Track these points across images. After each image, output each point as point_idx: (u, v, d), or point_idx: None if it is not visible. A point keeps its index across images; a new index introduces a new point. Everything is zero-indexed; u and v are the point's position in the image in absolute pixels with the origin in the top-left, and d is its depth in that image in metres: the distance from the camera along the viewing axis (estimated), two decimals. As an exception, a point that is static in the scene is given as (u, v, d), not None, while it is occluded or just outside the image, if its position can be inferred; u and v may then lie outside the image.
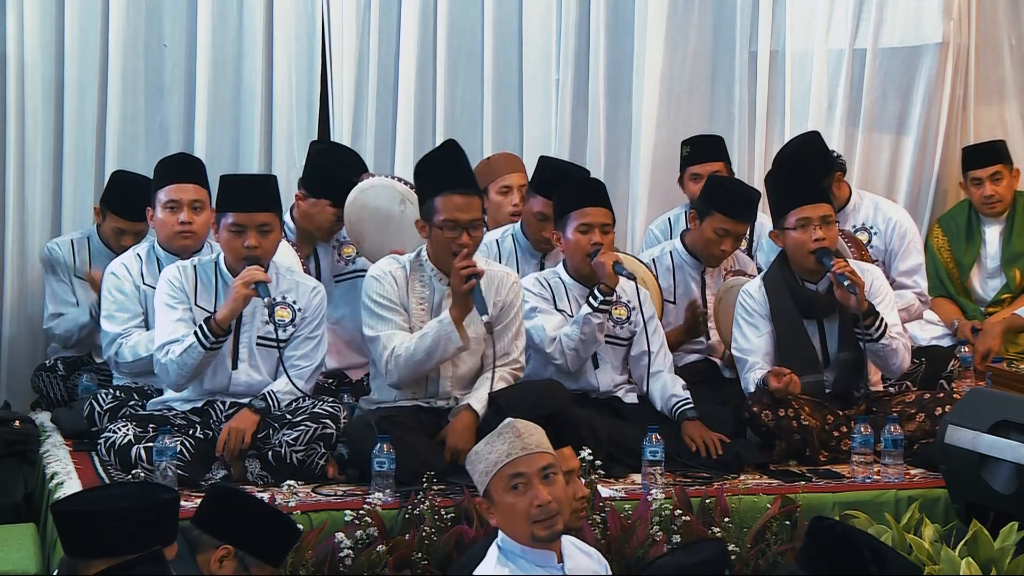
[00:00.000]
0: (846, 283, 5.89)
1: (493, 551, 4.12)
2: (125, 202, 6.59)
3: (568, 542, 4.18)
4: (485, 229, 6.53)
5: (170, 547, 3.69)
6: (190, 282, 5.68)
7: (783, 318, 6.09)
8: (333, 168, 6.43)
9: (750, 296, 6.17)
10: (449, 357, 5.66)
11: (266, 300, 5.52)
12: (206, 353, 5.51)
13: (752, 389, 6.00)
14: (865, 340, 5.99)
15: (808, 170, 6.53)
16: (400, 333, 5.66)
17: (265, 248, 5.62)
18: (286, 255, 6.14)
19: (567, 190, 6.13)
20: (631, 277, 5.95)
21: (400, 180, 6.49)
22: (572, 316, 6.03)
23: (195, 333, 5.51)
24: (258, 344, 5.68)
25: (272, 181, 5.88)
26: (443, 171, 5.70)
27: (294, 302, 5.73)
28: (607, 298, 5.91)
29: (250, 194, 5.66)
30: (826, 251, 6.03)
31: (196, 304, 5.66)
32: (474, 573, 4.12)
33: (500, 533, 4.12)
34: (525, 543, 4.07)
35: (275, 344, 5.63)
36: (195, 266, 5.73)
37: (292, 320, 5.70)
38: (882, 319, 5.99)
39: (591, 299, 5.93)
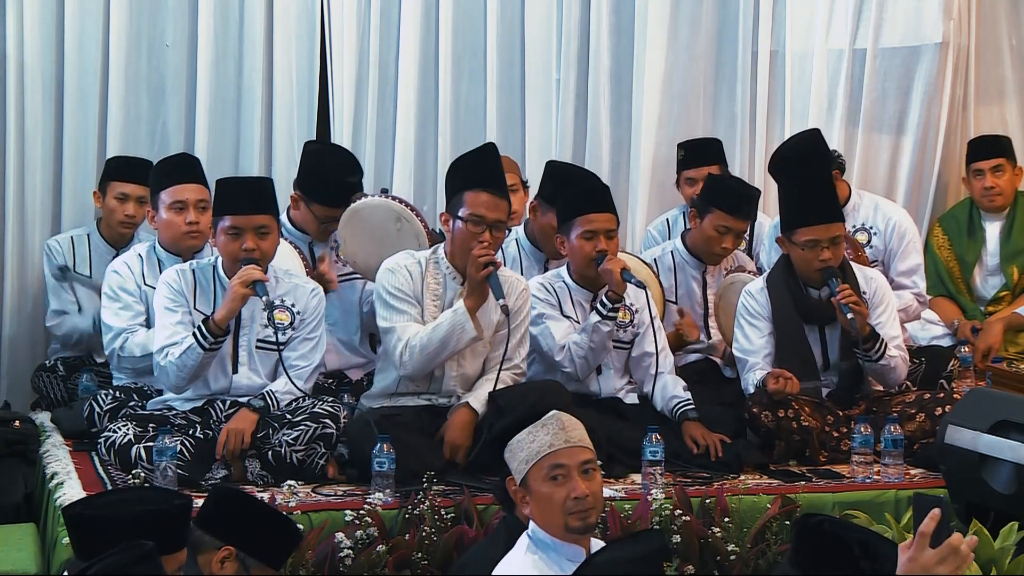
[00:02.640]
0: (849, 315, 5.88)
1: (523, 541, 4.12)
2: (123, 168, 6.65)
3: (597, 543, 4.17)
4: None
5: (180, 552, 3.71)
6: (188, 285, 5.68)
7: (784, 322, 6.08)
8: (327, 169, 6.40)
9: (752, 297, 6.16)
10: (463, 347, 5.64)
11: (264, 299, 5.50)
12: (205, 354, 5.51)
13: (752, 390, 6.00)
14: (864, 360, 6.00)
15: (822, 185, 6.25)
16: (414, 324, 5.65)
17: (263, 250, 5.59)
18: (288, 257, 6.13)
19: (571, 195, 6.05)
20: (640, 285, 5.92)
21: (396, 199, 6.41)
22: (577, 320, 6.01)
23: (194, 334, 5.51)
24: (257, 347, 5.67)
25: (269, 183, 5.82)
26: (478, 169, 5.68)
27: (292, 305, 5.72)
28: (615, 305, 5.89)
29: (247, 197, 5.63)
30: (832, 271, 5.99)
31: (195, 308, 5.65)
32: (502, 562, 4.10)
33: (531, 524, 4.13)
34: (557, 534, 4.08)
35: (274, 347, 5.63)
36: (193, 269, 5.73)
37: (291, 323, 5.70)
38: (882, 341, 6.00)
39: (599, 307, 5.90)
